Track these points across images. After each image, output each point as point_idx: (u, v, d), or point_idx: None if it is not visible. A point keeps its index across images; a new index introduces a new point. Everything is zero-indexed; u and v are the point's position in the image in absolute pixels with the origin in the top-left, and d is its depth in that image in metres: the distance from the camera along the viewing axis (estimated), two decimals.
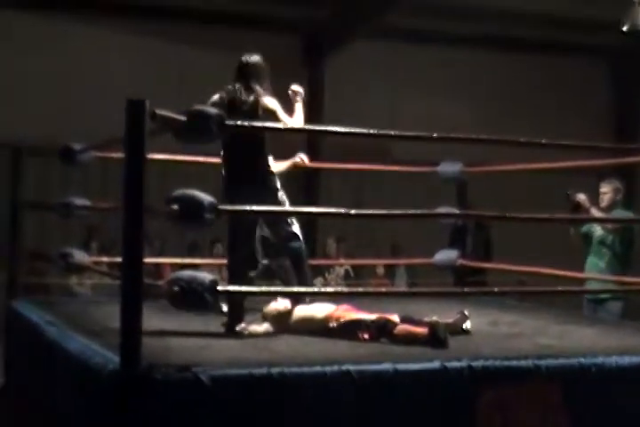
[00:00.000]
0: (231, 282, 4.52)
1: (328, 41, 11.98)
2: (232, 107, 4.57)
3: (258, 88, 4.70)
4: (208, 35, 11.41)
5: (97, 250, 9.43)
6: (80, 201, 5.67)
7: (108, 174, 10.49)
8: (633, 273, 6.10)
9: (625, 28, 10.41)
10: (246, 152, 4.67)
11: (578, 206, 6.00)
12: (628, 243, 6.23)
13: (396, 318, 4.37)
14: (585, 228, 6.33)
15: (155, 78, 10.84)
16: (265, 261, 4.88)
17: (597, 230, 6.26)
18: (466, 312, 4.68)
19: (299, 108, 4.85)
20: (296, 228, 4.81)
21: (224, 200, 4.42)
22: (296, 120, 4.75)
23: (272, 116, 4.64)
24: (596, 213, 6.05)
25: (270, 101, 4.67)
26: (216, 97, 4.73)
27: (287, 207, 4.79)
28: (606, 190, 6.30)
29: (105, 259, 7.14)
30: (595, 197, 6.28)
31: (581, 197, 6.04)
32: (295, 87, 4.95)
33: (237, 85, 4.71)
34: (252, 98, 4.66)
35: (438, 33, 12.17)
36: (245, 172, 4.68)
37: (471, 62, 12.62)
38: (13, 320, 5.50)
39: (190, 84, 10.68)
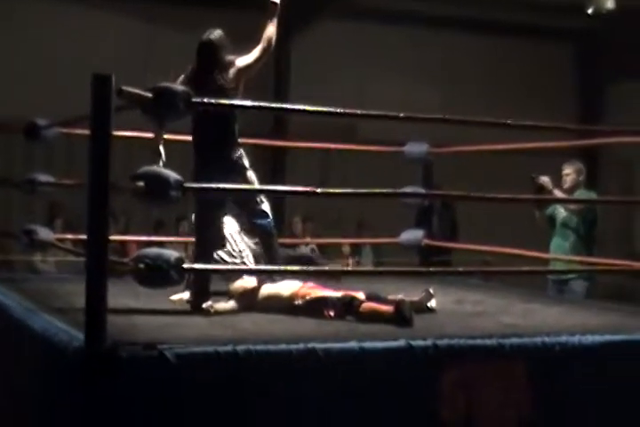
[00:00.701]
0: (198, 260, 4.51)
1: (295, 20, 11.90)
2: (199, 85, 4.52)
3: (226, 61, 4.66)
4: (174, 13, 11.31)
5: (61, 227, 9.36)
6: (44, 177, 5.62)
7: (72, 151, 10.41)
8: (597, 253, 6.18)
9: (590, 11, 10.49)
10: (215, 131, 4.65)
11: (541, 189, 6.05)
12: (592, 224, 6.29)
13: (361, 295, 4.39)
14: (549, 210, 6.40)
15: (123, 56, 10.74)
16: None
17: (561, 212, 6.32)
18: (431, 291, 4.71)
19: (272, 23, 4.79)
20: (265, 206, 4.81)
21: (194, 179, 4.40)
22: (267, 35, 4.74)
23: (253, 65, 4.66)
24: (559, 194, 6.12)
25: (240, 61, 4.67)
26: (181, 78, 4.69)
27: (255, 186, 4.78)
28: (569, 172, 6.37)
29: (69, 236, 7.09)
30: (559, 179, 6.34)
31: (544, 179, 6.09)
32: None
33: (204, 65, 4.68)
34: (227, 73, 4.62)
35: (408, 13, 12.16)
36: (214, 151, 4.66)
37: (440, 44, 12.63)
38: None
39: (158, 63, 10.59)
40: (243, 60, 4.68)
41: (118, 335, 3.37)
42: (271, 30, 4.75)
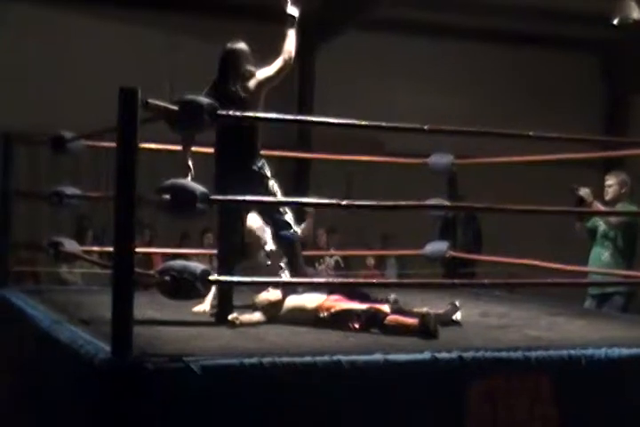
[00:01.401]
0: (220, 272, 4.53)
1: (320, 31, 11.96)
2: (220, 96, 4.55)
3: (248, 72, 4.69)
4: (197, 25, 11.38)
5: (91, 239, 9.40)
6: (70, 190, 5.66)
7: (98, 163, 10.48)
8: (637, 268, 5.95)
9: (615, 21, 10.44)
10: (237, 142, 4.67)
11: (582, 200, 5.79)
12: (632, 238, 6.04)
13: (386, 308, 4.38)
14: (590, 222, 6.15)
15: (146, 67, 10.81)
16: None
17: (601, 225, 6.08)
18: (456, 303, 4.69)
19: (292, 35, 4.79)
20: (289, 217, 4.82)
21: (215, 190, 4.41)
22: (287, 47, 4.74)
23: (274, 77, 4.68)
24: (599, 207, 5.84)
25: (260, 73, 4.70)
26: (205, 90, 4.71)
27: (279, 197, 4.79)
28: (611, 183, 6.10)
29: (96, 248, 7.13)
30: (600, 191, 6.09)
31: (585, 190, 5.83)
32: (291, 10, 4.83)
33: (225, 76, 4.71)
34: (247, 84, 4.65)
35: (430, 24, 12.16)
36: (235, 161, 4.68)
37: (463, 54, 12.62)
38: (4, 309, 5.49)
39: (182, 74, 10.67)
40: (263, 73, 4.71)
41: (144, 347, 3.39)
42: (291, 42, 4.77)
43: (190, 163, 4.60)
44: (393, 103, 11.99)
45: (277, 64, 4.72)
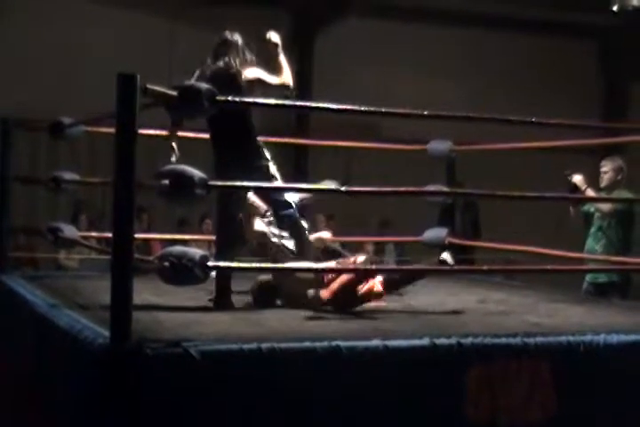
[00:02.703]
0: (218, 257, 4.52)
1: (317, 18, 11.93)
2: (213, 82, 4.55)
3: (235, 63, 4.67)
4: (198, 10, 11.34)
5: (86, 224, 9.41)
6: (69, 175, 5.65)
7: (95, 149, 10.47)
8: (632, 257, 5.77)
9: (615, 8, 10.41)
10: (232, 127, 4.66)
11: (575, 187, 5.75)
12: (627, 227, 5.90)
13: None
14: (585, 207, 6.04)
15: (146, 54, 10.78)
16: None
17: (595, 213, 5.97)
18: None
19: (282, 61, 4.77)
20: (289, 196, 4.81)
21: (215, 176, 4.41)
22: (284, 76, 4.72)
23: (258, 84, 4.63)
24: (591, 194, 5.77)
25: (250, 72, 4.66)
26: (197, 73, 4.71)
27: (278, 181, 4.77)
28: (607, 169, 5.97)
29: (94, 234, 7.12)
30: (595, 177, 5.99)
31: (577, 177, 5.78)
32: (272, 36, 4.80)
33: (215, 61, 4.70)
34: (230, 72, 4.64)
35: (431, 10, 12.14)
36: (232, 146, 4.66)
37: (462, 41, 12.59)
38: (2, 295, 5.49)
39: (181, 61, 10.63)
40: (252, 73, 4.66)
41: (143, 332, 3.39)
42: (285, 69, 4.74)
43: (175, 145, 4.60)
44: (392, 89, 11.97)
45: (273, 80, 4.68)
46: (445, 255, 4.53)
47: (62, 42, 10.93)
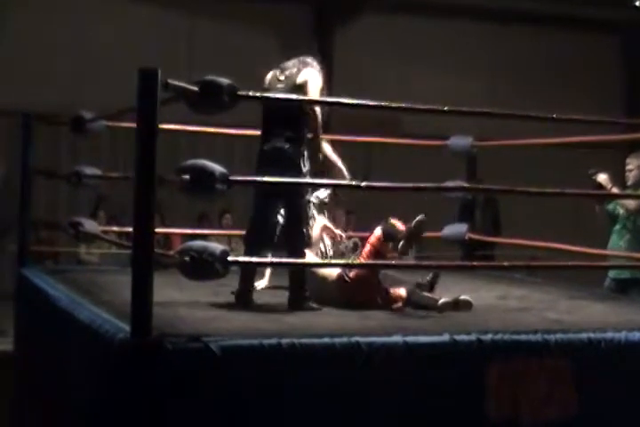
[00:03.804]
0: (247, 254, 4.52)
1: (337, 13, 11.90)
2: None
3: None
4: (218, 4, 11.34)
5: (105, 219, 9.44)
6: (90, 170, 5.67)
7: (117, 144, 10.51)
8: None
9: (637, 2, 10.33)
10: (283, 126, 4.59)
11: (600, 186, 5.69)
12: None
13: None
14: (611, 206, 6.01)
15: (164, 48, 10.81)
16: None
17: (620, 210, 5.94)
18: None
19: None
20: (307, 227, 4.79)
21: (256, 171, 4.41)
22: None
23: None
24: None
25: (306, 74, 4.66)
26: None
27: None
28: (632, 167, 5.92)
29: (115, 228, 7.15)
30: (619, 174, 5.95)
31: (602, 176, 5.72)
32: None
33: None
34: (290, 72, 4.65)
35: (447, 6, 12.10)
36: (277, 147, 4.59)
37: (481, 36, 12.56)
38: (24, 289, 5.52)
39: (200, 56, 10.67)
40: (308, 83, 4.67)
41: (164, 327, 3.40)
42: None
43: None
44: (410, 85, 11.95)
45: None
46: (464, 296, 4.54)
47: (80, 38, 10.97)
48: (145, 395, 3.22)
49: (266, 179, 4.09)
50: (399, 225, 4.62)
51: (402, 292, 4.51)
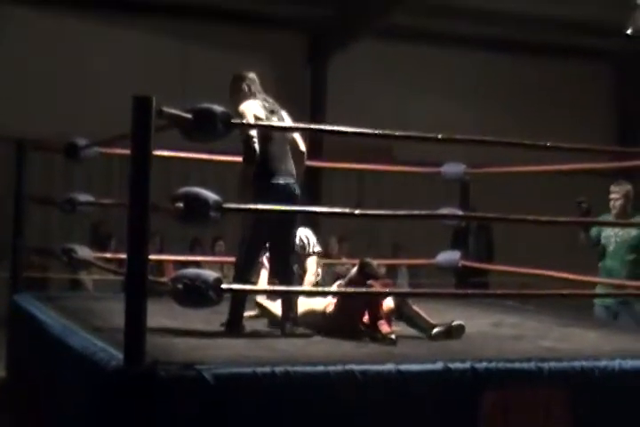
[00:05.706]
0: (236, 280, 4.51)
1: (332, 40, 11.97)
2: None
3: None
4: (212, 32, 11.41)
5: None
6: (83, 197, 5.67)
7: (111, 171, 10.52)
8: None
9: (629, 32, 10.40)
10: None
11: (587, 214, 5.76)
12: None
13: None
14: (594, 231, 6.06)
15: (158, 76, 10.85)
16: None
17: (610, 235, 5.97)
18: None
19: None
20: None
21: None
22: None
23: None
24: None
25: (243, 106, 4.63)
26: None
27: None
28: (617, 196, 6.00)
29: (108, 255, 7.13)
30: (605, 199, 6.03)
31: (588, 206, 5.79)
32: None
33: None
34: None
35: (443, 34, 12.19)
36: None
37: (476, 64, 12.63)
38: (16, 315, 5.50)
39: (194, 81, 10.71)
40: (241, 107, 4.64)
41: (157, 355, 3.38)
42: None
43: None
44: (405, 112, 12.01)
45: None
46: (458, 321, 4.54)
47: (76, 66, 11.01)
48: (138, 423, 3.20)
49: (259, 206, 4.10)
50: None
51: (390, 303, 4.49)
